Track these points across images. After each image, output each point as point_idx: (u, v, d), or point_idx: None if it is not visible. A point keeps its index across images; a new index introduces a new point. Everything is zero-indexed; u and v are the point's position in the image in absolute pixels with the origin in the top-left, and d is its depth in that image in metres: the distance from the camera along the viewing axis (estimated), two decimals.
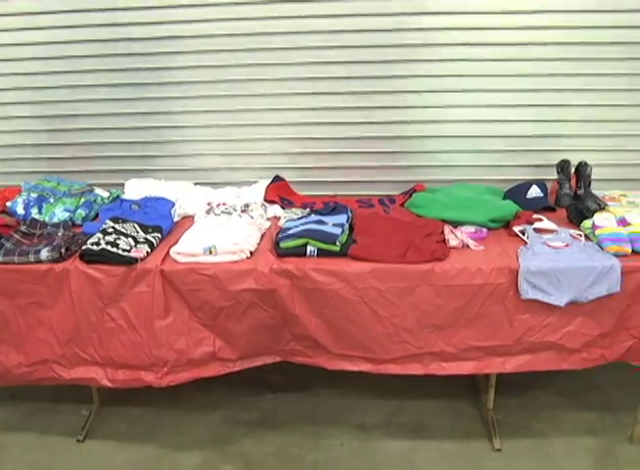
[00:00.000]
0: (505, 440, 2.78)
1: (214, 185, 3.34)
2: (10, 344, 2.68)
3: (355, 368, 2.58)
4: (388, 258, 2.41)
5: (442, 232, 2.57)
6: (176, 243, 2.63)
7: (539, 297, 2.36)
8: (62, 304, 2.59)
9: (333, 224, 2.59)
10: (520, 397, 3.06)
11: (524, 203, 2.84)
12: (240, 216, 2.90)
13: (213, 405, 3.11)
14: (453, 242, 2.50)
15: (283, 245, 2.50)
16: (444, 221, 2.67)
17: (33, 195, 3.11)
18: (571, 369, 2.54)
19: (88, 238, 2.65)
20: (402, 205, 2.95)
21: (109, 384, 2.66)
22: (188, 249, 2.54)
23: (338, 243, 2.47)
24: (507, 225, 2.71)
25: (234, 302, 2.50)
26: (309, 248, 2.48)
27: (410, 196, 3.01)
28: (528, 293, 2.36)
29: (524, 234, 2.59)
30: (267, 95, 3.30)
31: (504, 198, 2.93)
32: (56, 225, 2.85)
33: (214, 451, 2.81)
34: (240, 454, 2.79)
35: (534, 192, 2.88)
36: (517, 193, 2.92)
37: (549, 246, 2.46)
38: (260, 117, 3.34)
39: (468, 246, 2.51)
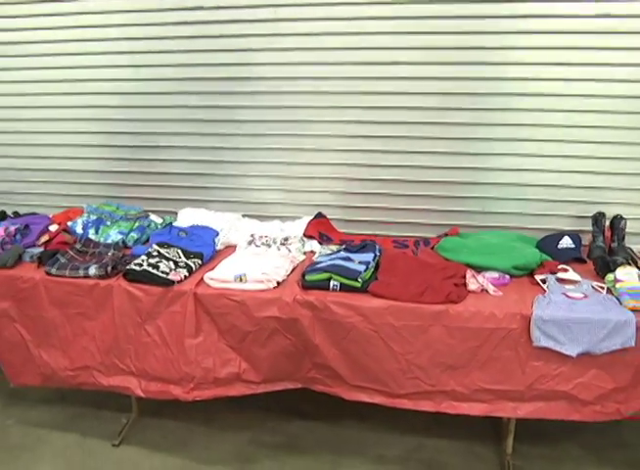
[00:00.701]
0: None
1: (261, 218, 3.56)
2: (58, 349, 2.97)
3: (370, 400, 2.70)
4: (405, 296, 2.53)
5: (464, 276, 2.66)
6: (212, 269, 2.84)
7: (551, 345, 2.42)
8: (104, 316, 2.85)
9: (359, 262, 2.74)
10: (543, 446, 3.07)
11: (554, 252, 2.90)
12: (278, 249, 3.09)
13: (242, 426, 3.27)
14: (472, 286, 2.60)
15: (308, 278, 2.66)
16: (469, 266, 2.77)
17: (93, 217, 3.41)
18: (585, 421, 2.57)
19: (134, 259, 2.90)
20: (432, 247, 3.06)
21: (141, 394, 2.90)
22: (220, 275, 2.76)
23: (359, 279, 2.62)
24: (531, 274, 2.78)
25: (259, 327, 2.68)
26: (332, 282, 2.63)
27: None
28: (540, 340, 2.42)
29: (545, 283, 2.65)
30: (319, 136, 3.50)
31: (536, 246, 2.98)
32: (107, 245, 3.12)
33: (233, 467, 2.97)
34: None
35: (566, 243, 2.93)
36: (549, 242, 2.98)
37: (567, 296, 2.52)
38: (311, 157, 3.54)
39: (487, 291, 2.59)
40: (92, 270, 2.83)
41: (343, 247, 2.95)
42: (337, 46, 3.31)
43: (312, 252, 3.12)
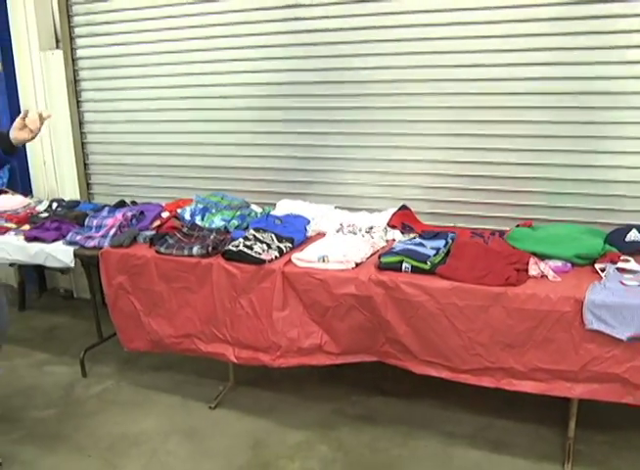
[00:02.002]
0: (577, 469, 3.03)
1: (352, 210, 3.93)
2: (164, 318, 3.47)
3: (437, 374, 3.01)
4: (469, 278, 2.84)
5: (527, 262, 2.93)
6: (300, 251, 3.25)
7: (602, 328, 2.65)
8: (205, 290, 3.32)
9: (430, 247, 3.08)
10: (606, 433, 3.25)
11: (621, 245, 3.09)
12: (363, 236, 3.46)
13: (328, 398, 3.66)
14: (533, 271, 2.87)
15: (383, 260, 3.02)
16: (534, 254, 3.03)
17: (200, 206, 3.90)
18: (638, 405, 2.76)
19: (232, 241, 3.35)
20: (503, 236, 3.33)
21: (234, 360, 3.35)
22: (306, 256, 3.16)
23: (428, 262, 2.95)
24: (594, 263, 3.00)
25: (338, 303, 3.05)
26: (404, 264, 2.97)
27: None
28: (592, 323, 2.65)
29: (604, 271, 2.87)
30: (410, 135, 3.85)
31: (605, 239, 3.19)
32: (210, 230, 3.60)
33: (316, 434, 3.36)
34: (337, 439, 3.31)
35: (633, 235, 3.12)
36: (617, 235, 3.18)
37: (623, 284, 2.74)
38: (402, 154, 3.90)
39: (546, 276, 2.85)
40: (195, 250, 3.32)
41: (419, 234, 3.28)
42: (430, 50, 3.65)
43: (393, 240, 3.46)
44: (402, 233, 3.53)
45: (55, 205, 4.34)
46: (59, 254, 3.67)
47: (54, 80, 4.83)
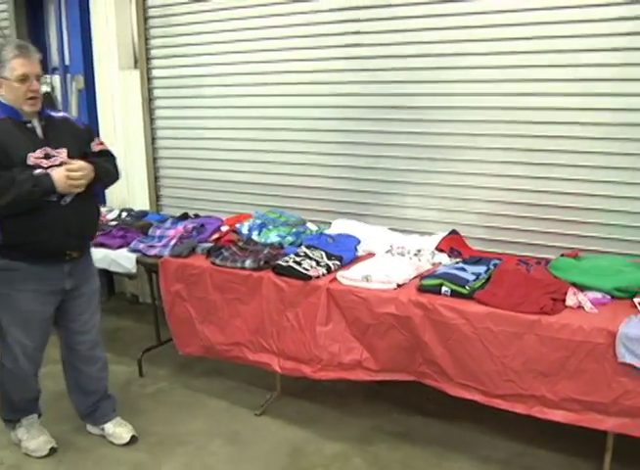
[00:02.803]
0: None
1: (405, 232, 4.05)
2: (216, 326, 3.69)
3: (471, 397, 3.09)
4: (505, 305, 2.93)
5: (565, 292, 3.00)
6: (347, 270, 3.40)
7: (635, 362, 2.68)
8: (255, 302, 3.52)
9: (471, 272, 3.18)
10: None
11: None
12: (410, 258, 3.58)
13: (369, 414, 3.78)
14: (570, 302, 2.93)
15: (424, 282, 3.15)
16: (574, 284, 3.09)
17: (258, 221, 4.11)
18: None
19: (284, 257, 3.53)
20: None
21: (278, 369, 3.53)
22: (351, 274, 3.31)
23: (467, 287, 3.05)
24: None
25: (378, 322, 3.19)
26: (444, 288, 3.09)
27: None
28: (625, 357, 2.69)
29: None
30: (467, 161, 3.93)
31: None
32: (265, 245, 3.80)
33: (354, 447, 3.48)
34: (373, 454, 3.43)
35: None
36: None
37: None
38: (458, 180, 3.98)
39: (583, 307, 2.91)
40: (247, 263, 3.51)
41: (462, 260, 3.39)
42: (489, 79, 3.74)
43: (439, 263, 3.56)
44: (450, 257, 3.63)
45: (124, 214, 4.64)
46: (122, 260, 3.94)
47: (130, 98, 5.19)
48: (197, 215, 4.54)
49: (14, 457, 3.45)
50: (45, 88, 3.57)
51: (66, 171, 3.00)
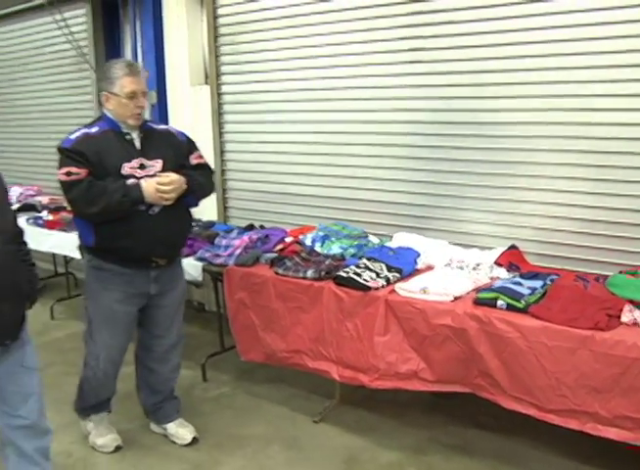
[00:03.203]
0: None
1: (465, 246, 4.15)
2: (278, 333, 3.86)
3: (524, 411, 3.16)
4: (559, 320, 3.00)
5: (621, 309, 3.05)
6: (406, 282, 3.53)
7: None
8: (315, 311, 3.68)
9: (527, 286, 3.26)
10: None
11: None
12: (469, 272, 3.68)
13: (425, 426, 3.88)
14: (625, 318, 2.98)
15: (480, 295, 3.25)
16: (631, 301, 3.13)
17: (321, 233, 4.27)
18: None
19: (345, 268, 3.68)
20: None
21: (337, 377, 3.67)
22: (409, 286, 3.44)
23: (523, 301, 3.14)
24: None
25: (435, 333, 3.30)
26: (499, 301, 3.18)
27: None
28: None
29: None
30: (528, 176, 3.99)
31: None
32: (327, 256, 3.95)
33: (409, 457, 3.60)
34: (427, 464, 3.54)
35: None
36: None
37: None
38: (519, 195, 4.04)
39: (639, 324, 2.96)
40: (309, 273, 3.68)
41: (519, 274, 3.47)
42: (551, 94, 3.79)
43: (497, 277, 3.64)
44: (508, 272, 3.71)
45: (192, 224, 4.86)
46: (189, 268, 4.16)
47: (201, 113, 5.47)
48: (262, 227, 4.75)
49: (82, 451, 3.71)
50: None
51: (156, 185, 3.23)
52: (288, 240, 4.30)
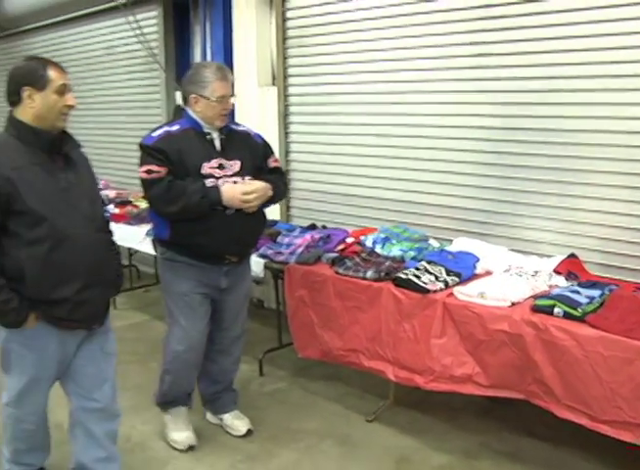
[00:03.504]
0: None
1: (524, 253, 4.20)
2: (335, 332, 3.98)
3: (577, 420, 3.19)
4: (616, 330, 3.04)
5: None
6: (464, 286, 3.61)
7: None
8: (373, 311, 3.78)
9: (585, 295, 3.31)
10: None
11: None
12: (527, 279, 3.73)
13: (478, 431, 3.94)
14: None
15: (537, 302, 3.31)
16: None
17: (382, 235, 4.38)
18: None
19: (404, 270, 3.78)
20: None
21: (392, 378, 3.77)
22: (467, 290, 3.52)
23: (580, 310, 3.19)
24: None
25: (491, 338, 3.37)
26: (557, 309, 3.23)
27: None
28: None
29: None
30: (591, 184, 4.01)
31: None
32: (387, 257, 4.06)
33: (460, 461, 3.67)
34: (477, 468, 3.61)
35: None
36: None
37: None
38: (581, 204, 4.06)
39: None
40: (369, 274, 3.79)
41: (577, 283, 3.52)
42: (619, 102, 3.81)
43: (556, 285, 3.69)
44: (567, 280, 3.75)
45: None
46: (252, 264, 4.29)
47: (268, 113, 5.64)
48: (324, 227, 4.89)
49: (140, 435, 3.91)
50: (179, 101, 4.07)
51: (241, 193, 3.36)
52: (349, 240, 4.42)
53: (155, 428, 3.97)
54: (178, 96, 4.45)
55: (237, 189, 3.38)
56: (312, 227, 4.83)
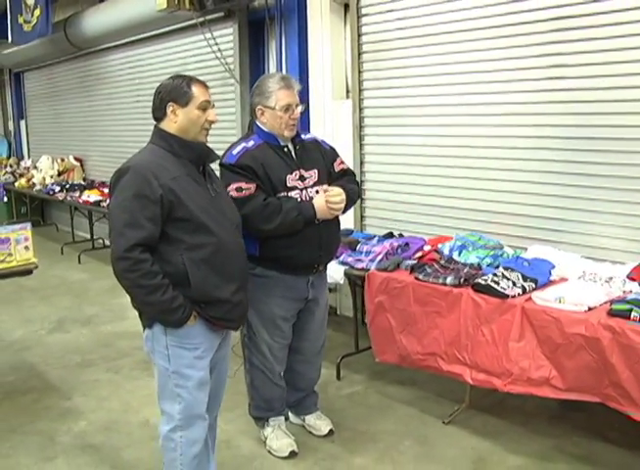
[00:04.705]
0: None
1: (596, 260, 4.43)
2: (414, 336, 4.27)
3: None
4: None
5: None
6: (541, 291, 3.87)
7: None
8: (453, 316, 4.07)
9: None
10: None
11: None
12: (601, 285, 3.98)
13: (551, 435, 4.18)
14: None
15: (614, 307, 3.56)
16: None
17: (458, 243, 4.67)
18: None
19: (482, 276, 4.07)
20: None
21: (470, 381, 4.04)
22: (545, 296, 3.78)
23: None
24: None
25: (568, 342, 3.61)
26: (634, 313, 3.47)
27: None
28: None
29: None
30: None
31: None
32: (465, 264, 4.34)
33: (535, 464, 3.90)
34: None
35: None
36: None
37: None
38: None
39: None
40: (449, 280, 4.09)
41: None
42: None
43: (630, 291, 3.90)
44: None
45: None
46: (332, 271, 4.63)
47: (341, 125, 6.03)
48: (401, 235, 5.22)
49: (224, 434, 4.12)
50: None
51: (326, 201, 3.55)
52: (426, 248, 4.73)
53: (238, 427, 4.32)
54: None
55: (322, 198, 3.57)
56: (390, 235, 5.16)
